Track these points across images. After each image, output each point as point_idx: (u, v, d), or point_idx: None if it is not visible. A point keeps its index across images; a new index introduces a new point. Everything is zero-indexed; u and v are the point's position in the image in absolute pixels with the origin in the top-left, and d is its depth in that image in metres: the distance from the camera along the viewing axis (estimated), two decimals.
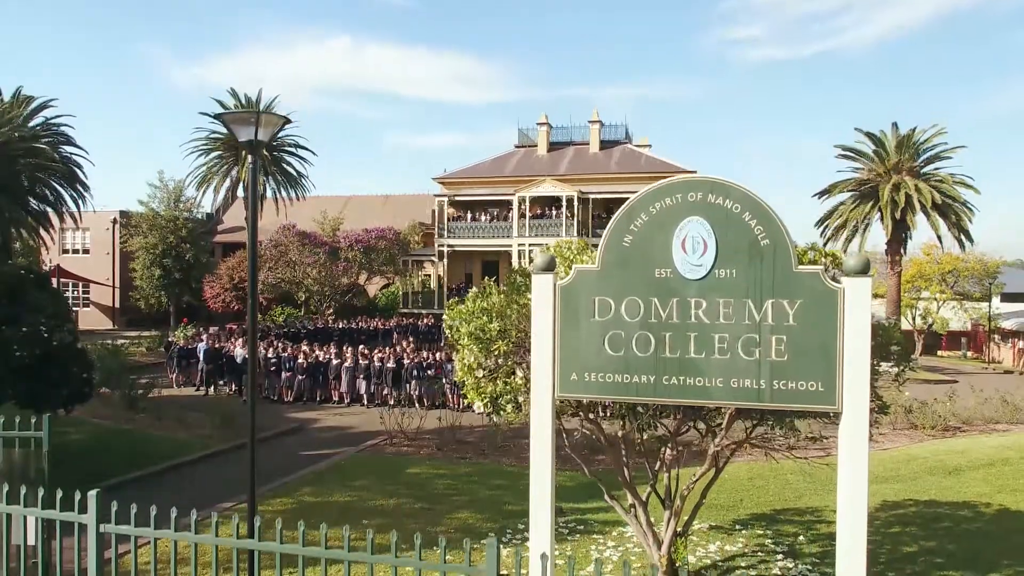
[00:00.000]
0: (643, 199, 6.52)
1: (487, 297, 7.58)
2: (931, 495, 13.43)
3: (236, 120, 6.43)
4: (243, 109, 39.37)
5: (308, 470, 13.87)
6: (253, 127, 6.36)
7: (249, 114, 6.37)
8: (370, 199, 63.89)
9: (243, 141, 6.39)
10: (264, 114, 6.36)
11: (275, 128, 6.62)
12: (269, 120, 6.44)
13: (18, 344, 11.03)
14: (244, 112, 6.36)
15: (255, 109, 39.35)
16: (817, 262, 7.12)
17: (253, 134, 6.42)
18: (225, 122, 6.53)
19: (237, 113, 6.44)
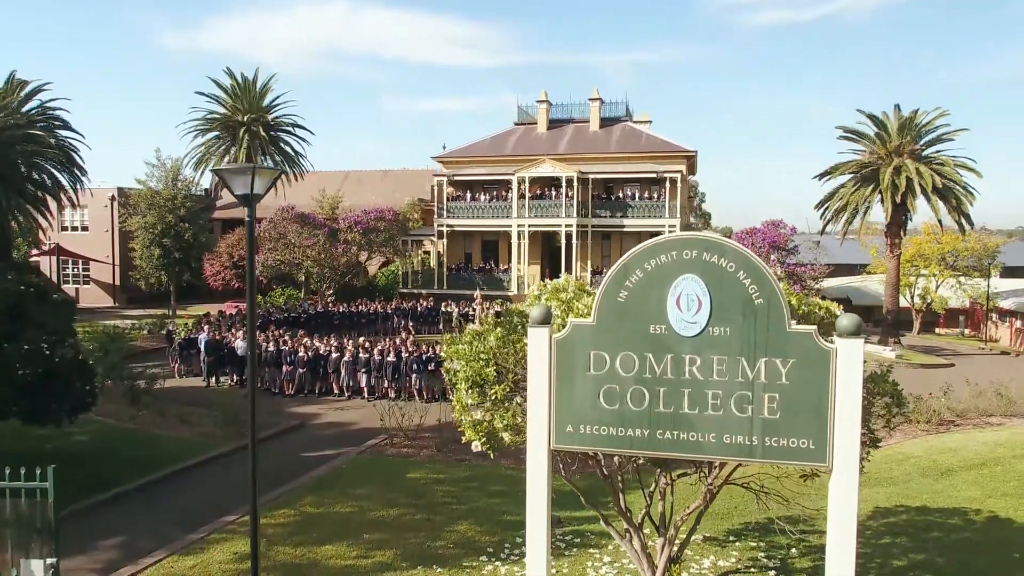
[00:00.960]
0: (638, 256, 6.55)
1: (484, 340, 7.63)
2: (922, 500, 13.66)
3: (233, 175, 6.43)
4: (239, 87, 39.03)
5: (309, 475, 14.07)
6: (249, 179, 6.37)
7: (245, 169, 6.38)
8: (369, 174, 63.58)
9: (239, 194, 6.40)
10: (259, 168, 6.37)
11: (270, 181, 6.63)
12: (263, 173, 6.45)
13: (20, 362, 11.12)
14: (239, 167, 6.35)
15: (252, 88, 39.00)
16: (812, 313, 7.19)
17: (249, 187, 6.44)
18: (224, 177, 6.53)
19: (233, 169, 6.43)
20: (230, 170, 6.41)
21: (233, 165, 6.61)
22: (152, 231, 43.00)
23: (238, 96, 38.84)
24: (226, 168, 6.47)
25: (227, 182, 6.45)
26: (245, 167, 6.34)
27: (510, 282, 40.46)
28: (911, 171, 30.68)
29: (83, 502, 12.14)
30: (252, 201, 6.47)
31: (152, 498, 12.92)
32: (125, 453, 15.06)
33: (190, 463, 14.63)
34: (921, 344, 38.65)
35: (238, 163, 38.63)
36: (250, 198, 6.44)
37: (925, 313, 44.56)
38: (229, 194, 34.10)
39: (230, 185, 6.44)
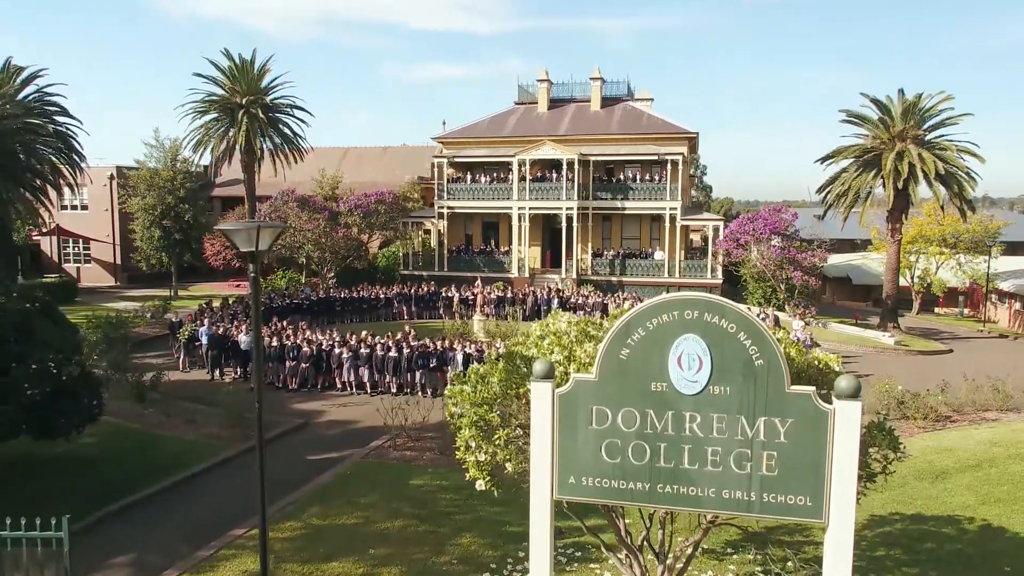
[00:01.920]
0: (640, 315, 6.63)
1: (487, 385, 7.74)
2: (917, 506, 13.90)
3: (238, 233, 6.48)
4: (237, 69, 38.62)
5: (315, 482, 14.29)
6: (254, 239, 6.43)
7: (250, 226, 6.42)
8: (368, 150, 63.31)
9: (245, 251, 6.47)
10: (263, 227, 6.41)
11: (272, 237, 6.68)
12: (266, 232, 6.49)
13: (29, 382, 11.27)
14: (245, 224, 6.39)
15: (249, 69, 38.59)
16: (811, 367, 7.28)
17: (255, 246, 6.50)
18: (228, 235, 6.58)
19: (238, 228, 6.48)
20: (234, 229, 6.45)
21: (237, 223, 6.63)
22: (152, 212, 42.93)
23: (236, 78, 38.44)
24: (230, 227, 6.52)
25: (231, 239, 6.51)
26: (249, 224, 6.38)
27: (511, 264, 40.49)
28: (913, 156, 30.54)
29: (93, 515, 12.38)
30: (256, 257, 6.53)
31: (161, 508, 13.15)
32: (132, 457, 15.28)
33: (197, 469, 14.83)
34: (920, 326, 38.83)
35: (237, 146, 38.53)
36: (255, 255, 6.50)
37: (925, 293, 44.68)
38: (228, 172, 34.00)
39: (235, 241, 6.49)
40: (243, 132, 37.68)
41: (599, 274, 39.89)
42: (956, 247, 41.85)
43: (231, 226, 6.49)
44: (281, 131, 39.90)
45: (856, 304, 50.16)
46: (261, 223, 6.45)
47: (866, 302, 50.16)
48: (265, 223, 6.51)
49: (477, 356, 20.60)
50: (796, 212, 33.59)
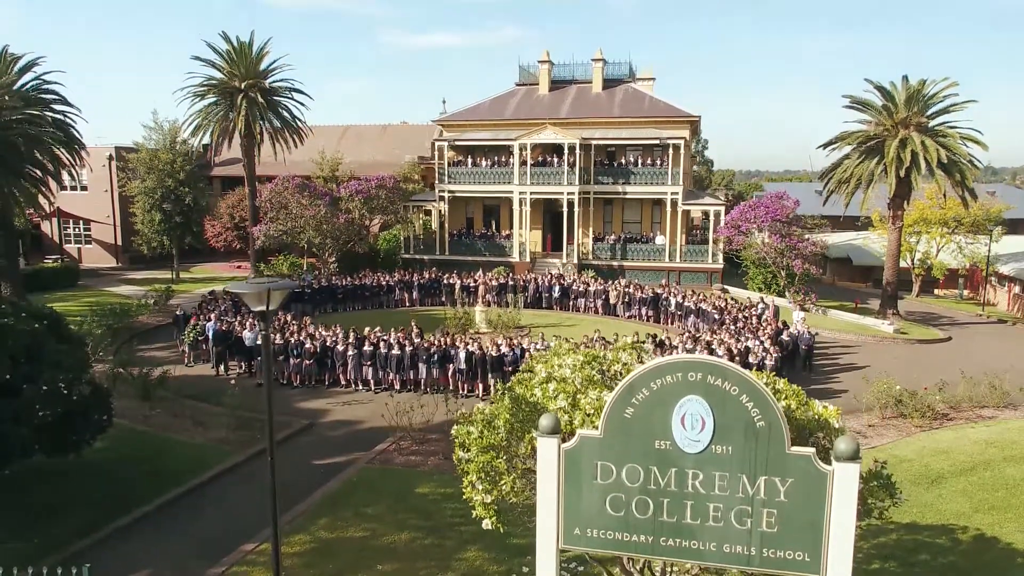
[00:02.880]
0: (644, 376, 6.76)
1: (494, 431, 7.90)
2: (912, 515, 14.17)
3: (250, 294, 6.59)
4: (235, 52, 38.26)
5: (322, 490, 14.56)
6: (265, 300, 6.54)
7: (261, 287, 6.53)
8: (368, 129, 62.89)
9: (256, 311, 6.58)
10: (272, 289, 6.52)
11: (283, 296, 6.79)
12: (276, 293, 6.60)
13: (40, 403, 11.44)
14: (255, 285, 6.50)
15: (248, 52, 38.19)
16: (811, 422, 7.42)
17: (265, 305, 6.61)
18: (238, 295, 6.69)
19: (250, 291, 6.58)
20: (247, 291, 6.56)
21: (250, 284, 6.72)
22: (152, 196, 42.89)
23: (234, 61, 38.13)
24: (242, 288, 6.63)
25: (243, 299, 6.61)
26: (260, 284, 6.50)
27: (512, 248, 40.55)
28: (916, 144, 30.40)
29: (106, 528, 12.65)
30: (268, 317, 6.65)
31: (171, 520, 13.42)
32: (142, 463, 15.52)
33: (206, 476, 15.09)
34: (919, 310, 38.98)
35: (237, 131, 38.33)
36: (266, 315, 6.62)
37: (925, 275, 44.78)
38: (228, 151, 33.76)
39: (247, 301, 6.61)
40: (242, 117, 37.50)
41: (600, 258, 39.97)
42: (957, 231, 41.83)
43: (243, 288, 6.60)
44: (280, 114, 39.67)
45: (856, 285, 50.29)
46: (272, 284, 6.56)
47: (866, 283, 50.27)
48: (276, 284, 6.62)
49: (479, 355, 20.82)
50: (798, 200, 33.53)
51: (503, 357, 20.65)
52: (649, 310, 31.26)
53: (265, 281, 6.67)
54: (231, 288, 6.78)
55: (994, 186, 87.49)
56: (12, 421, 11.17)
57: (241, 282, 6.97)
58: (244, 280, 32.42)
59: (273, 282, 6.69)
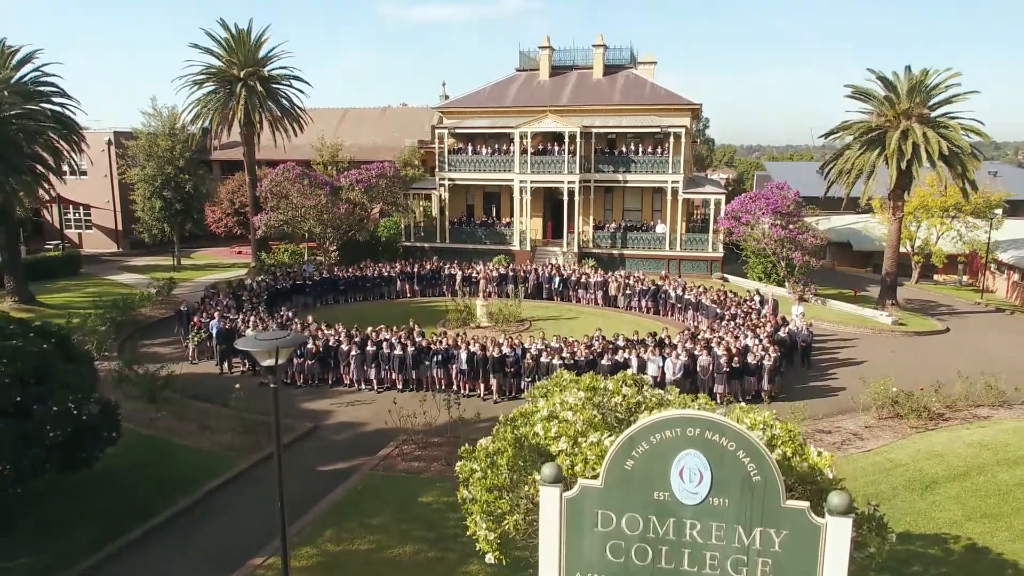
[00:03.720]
0: (644, 430, 6.94)
1: (497, 472, 8.10)
2: (906, 523, 14.45)
3: (259, 351, 6.75)
4: (234, 40, 37.98)
5: (327, 501, 14.82)
6: (274, 357, 6.70)
7: (271, 343, 6.69)
8: (368, 111, 62.62)
9: (265, 365, 6.74)
10: (281, 346, 6.67)
11: (292, 350, 6.94)
12: (285, 348, 6.76)
13: (50, 424, 11.65)
14: (264, 342, 6.66)
15: (246, 40, 37.90)
16: (807, 474, 7.60)
17: (274, 360, 6.77)
18: (249, 352, 6.85)
19: (259, 348, 6.74)
20: (255, 348, 6.71)
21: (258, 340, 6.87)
22: (152, 183, 42.84)
23: (233, 49, 37.87)
24: (250, 345, 6.78)
25: (253, 355, 6.77)
26: (269, 341, 6.65)
27: (512, 236, 40.62)
28: (918, 136, 30.34)
29: (117, 542, 12.94)
30: (277, 371, 6.81)
31: (180, 534, 13.68)
32: (149, 471, 15.79)
33: (213, 485, 15.35)
34: (918, 298, 39.17)
35: (237, 120, 38.21)
36: (275, 369, 6.78)
37: (924, 262, 44.88)
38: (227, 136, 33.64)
39: (256, 357, 6.76)
40: (242, 106, 37.34)
41: (600, 247, 40.06)
42: (958, 217, 41.86)
43: (252, 345, 6.76)
44: (280, 103, 39.49)
45: (856, 270, 50.43)
46: (281, 340, 6.72)
47: (866, 268, 50.41)
48: (285, 340, 6.77)
49: (481, 355, 21.02)
50: (798, 192, 33.49)
51: (504, 358, 20.85)
52: (649, 301, 31.42)
53: (274, 337, 6.83)
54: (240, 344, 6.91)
55: (996, 165, 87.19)
56: (23, 442, 11.39)
57: (248, 338, 7.12)
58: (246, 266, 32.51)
59: (282, 338, 6.84)
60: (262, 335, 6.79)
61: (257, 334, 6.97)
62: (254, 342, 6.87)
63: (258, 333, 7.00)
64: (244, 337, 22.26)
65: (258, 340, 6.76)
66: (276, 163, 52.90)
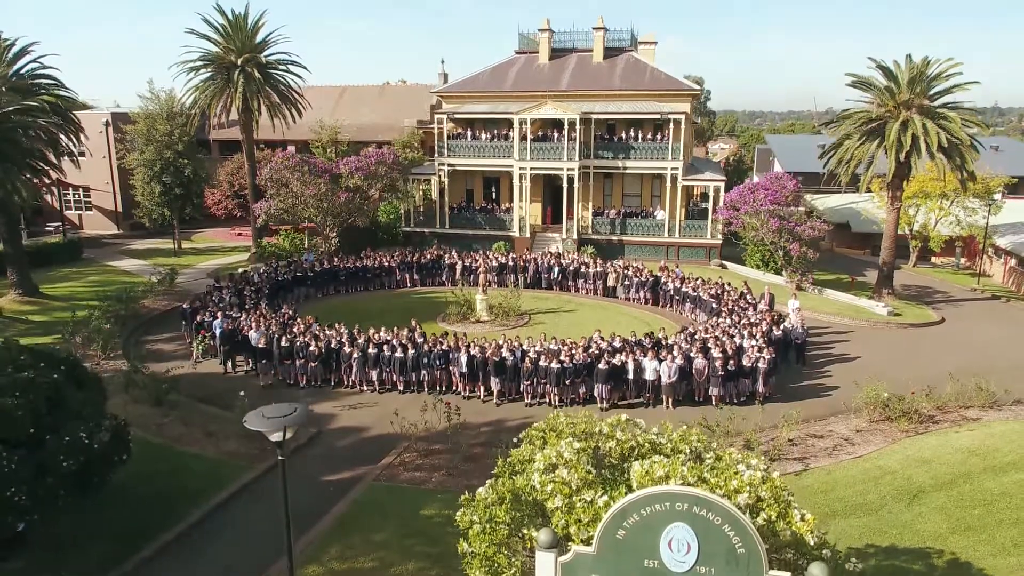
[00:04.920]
0: (635, 503, 7.30)
1: (497, 529, 8.48)
2: (892, 537, 14.93)
3: (267, 426, 7.06)
4: (231, 26, 37.64)
5: (332, 514, 15.28)
6: (282, 432, 7.01)
7: (279, 422, 6.99)
8: (366, 90, 62.20)
9: (275, 441, 7.06)
10: (291, 426, 6.97)
11: (300, 419, 7.25)
12: (295, 427, 7.07)
13: (63, 454, 12.04)
14: (274, 419, 6.96)
15: (243, 25, 37.60)
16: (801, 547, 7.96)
17: (282, 436, 7.09)
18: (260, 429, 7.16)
19: (269, 428, 7.04)
20: (265, 428, 7.01)
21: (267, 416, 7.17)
22: (151, 168, 42.83)
23: (230, 36, 37.59)
24: (261, 425, 7.08)
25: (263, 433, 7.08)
26: (278, 419, 6.96)
27: (511, 222, 40.75)
28: (917, 128, 30.34)
29: (129, 561, 13.41)
30: (285, 446, 7.13)
31: (190, 550, 14.12)
32: (158, 485, 16.18)
33: (222, 498, 15.80)
34: (915, 283, 39.47)
35: (236, 108, 38.08)
36: (282, 444, 7.10)
37: (922, 244, 45.06)
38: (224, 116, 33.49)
39: (266, 435, 7.07)
40: (240, 93, 37.20)
41: (600, 233, 40.21)
42: (956, 202, 41.92)
43: (260, 425, 7.06)
44: (279, 89, 39.30)
45: (855, 251, 50.64)
46: (288, 419, 7.02)
47: (864, 250, 50.60)
48: (291, 419, 7.07)
49: (481, 359, 21.38)
50: (798, 182, 33.58)
51: (504, 361, 21.22)
52: (648, 293, 31.70)
53: (282, 415, 7.14)
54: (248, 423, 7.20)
55: (998, 139, 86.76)
56: (38, 472, 11.78)
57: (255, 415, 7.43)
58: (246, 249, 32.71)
59: (289, 416, 7.14)
60: (270, 412, 7.12)
61: (265, 411, 7.28)
62: (263, 420, 7.19)
63: (266, 410, 7.29)
64: (248, 338, 22.70)
65: (266, 419, 7.09)
66: (275, 144, 53.04)
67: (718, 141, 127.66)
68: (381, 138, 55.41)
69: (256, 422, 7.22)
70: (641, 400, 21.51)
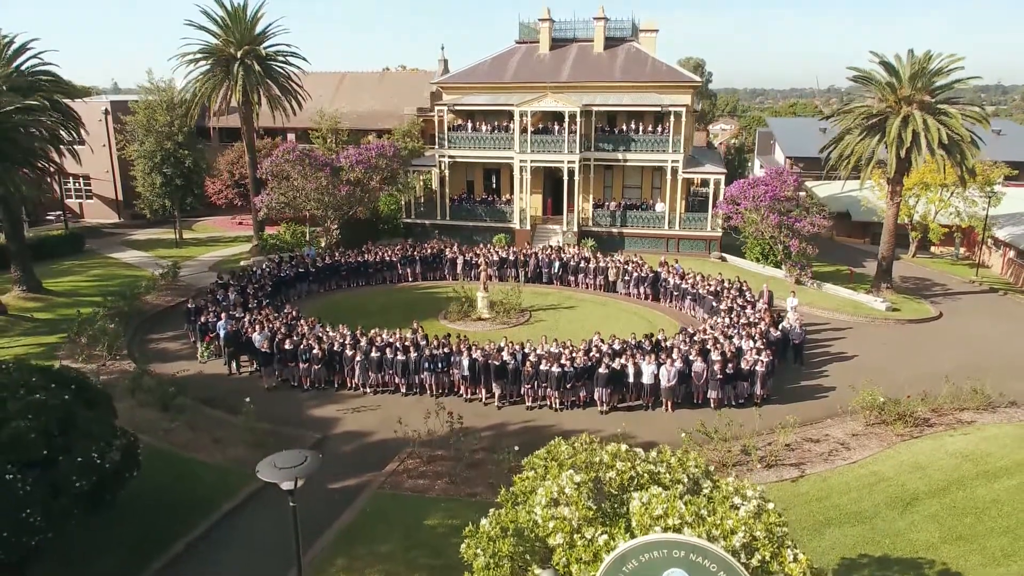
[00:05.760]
0: (634, 550, 7.58)
1: (499, 566, 8.77)
2: (885, 546, 15.25)
3: (279, 477, 7.31)
4: (230, 17, 37.41)
5: (337, 525, 15.61)
6: (293, 481, 7.26)
7: (290, 473, 7.24)
8: (365, 76, 61.92)
9: (285, 489, 7.31)
10: (301, 476, 7.22)
11: (311, 469, 7.50)
12: (305, 475, 7.32)
13: (76, 474, 12.33)
14: (287, 470, 7.21)
15: (242, 16, 37.38)
16: None
17: (294, 485, 7.34)
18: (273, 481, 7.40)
19: (281, 479, 7.29)
20: (277, 480, 7.25)
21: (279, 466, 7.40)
22: (152, 159, 42.83)
23: (229, 27, 37.40)
24: (273, 477, 7.32)
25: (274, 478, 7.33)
26: (290, 470, 7.20)
27: (512, 214, 40.83)
28: (918, 124, 30.35)
29: (140, 573, 13.76)
30: (295, 492, 7.38)
31: (198, 561, 14.45)
32: (167, 494, 16.49)
33: (230, 507, 16.12)
34: (914, 275, 39.67)
35: (236, 102, 38.02)
36: (293, 492, 7.35)
37: (922, 236, 45.16)
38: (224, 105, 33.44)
39: (278, 483, 7.32)
40: (240, 86, 37.11)
41: (600, 225, 40.32)
42: (956, 194, 41.94)
43: (273, 476, 7.30)
44: (278, 81, 39.18)
45: (855, 240, 50.77)
46: (299, 470, 7.26)
47: (864, 238, 50.74)
48: (302, 469, 7.32)
49: (482, 363, 21.65)
50: (797, 177, 33.63)
51: (505, 365, 21.48)
52: (648, 288, 31.90)
53: (293, 465, 7.38)
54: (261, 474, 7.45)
55: (1001, 123, 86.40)
56: (51, 493, 12.08)
57: (268, 466, 7.68)
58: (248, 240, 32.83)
59: (300, 466, 7.39)
60: (282, 462, 7.38)
61: (277, 461, 7.53)
62: (275, 472, 7.44)
63: (278, 460, 7.53)
64: (252, 341, 22.94)
65: (279, 469, 7.35)
66: (275, 132, 52.93)
67: (719, 122, 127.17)
68: (381, 126, 55.31)
69: (269, 473, 7.47)
70: (641, 403, 21.80)
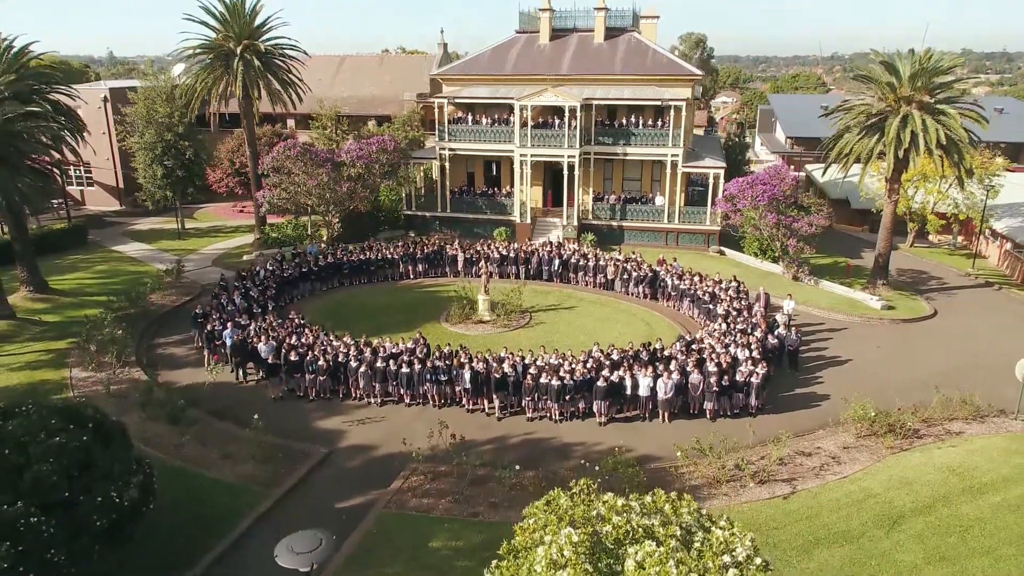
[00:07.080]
0: None
1: None
2: (870, 568, 15.83)
3: (296, 563, 7.81)
4: (228, 12, 37.24)
5: (344, 549, 16.17)
6: (310, 567, 7.77)
7: (307, 559, 7.74)
8: (365, 60, 61.69)
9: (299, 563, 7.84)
10: (317, 562, 7.71)
11: (325, 555, 8.00)
12: (320, 561, 7.82)
13: (96, 514, 12.89)
14: (304, 555, 7.71)
15: (241, 10, 37.18)
16: None
17: (310, 570, 7.85)
18: (290, 567, 7.91)
19: (297, 563, 7.78)
20: (292, 565, 7.74)
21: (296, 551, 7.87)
22: (152, 151, 42.94)
23: (228, 22, 37.25)
24: (289, 555, 7.81)
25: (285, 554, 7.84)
26: (307, 555, 7.70)
27: (512, 207, 41.05)
28: (917, 125, 30.45)
29: None
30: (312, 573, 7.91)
31: None
32: (181, 517, 17.02)
33: (243, 527, 16.71)
34: (911, 267, 40.02)
35: (235, 98, 38.02)
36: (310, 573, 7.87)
37: (920, 226, 45.37)
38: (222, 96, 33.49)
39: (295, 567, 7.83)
40: (239, 82, 37.09)
41: (600, 218, 40.57)
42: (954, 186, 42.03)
43: (290, 562, 7.79)
44: (279, 76, 39.11)
45: (854, 228, 50.96)
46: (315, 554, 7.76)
47: (863, 226, 50.93)
48: (318, 554, 7.81)
49: (484, 375, 22.16)
50: (796, 176, 33.80)
51: (506, 378, 22.00)
52: (646, 288, 32.29)
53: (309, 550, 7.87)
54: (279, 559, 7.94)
55: (1003, 100, 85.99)
56: (73, 533, 12.65)
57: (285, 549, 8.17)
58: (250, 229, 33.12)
59: (316, 551, 7.87)
60: (298, 546, 7.87)
61: (293, 545, 8.03)
62: (293, 557, 7.94)
63: (294, 543, 8.02)
64: (259, 351, 23.41)
65: (295, 554, 7.85)
66: (275, 119, 52.86)
67: (720, 95, 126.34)
68: (381, 111, 55.25)
69: (287, 559, 7.98)
70: (638, 414, 22.36)
